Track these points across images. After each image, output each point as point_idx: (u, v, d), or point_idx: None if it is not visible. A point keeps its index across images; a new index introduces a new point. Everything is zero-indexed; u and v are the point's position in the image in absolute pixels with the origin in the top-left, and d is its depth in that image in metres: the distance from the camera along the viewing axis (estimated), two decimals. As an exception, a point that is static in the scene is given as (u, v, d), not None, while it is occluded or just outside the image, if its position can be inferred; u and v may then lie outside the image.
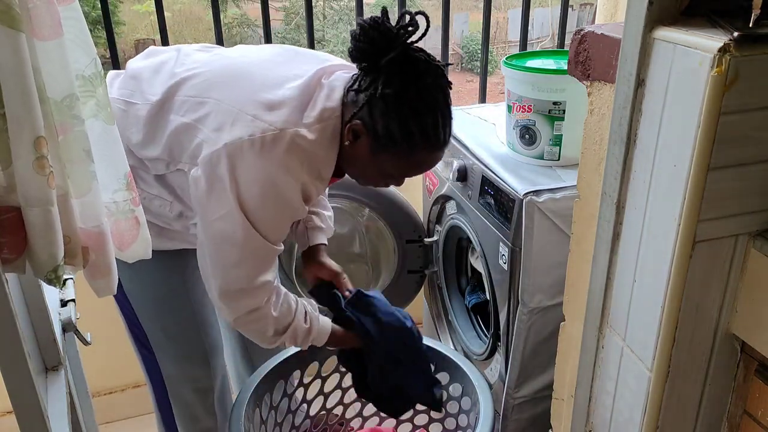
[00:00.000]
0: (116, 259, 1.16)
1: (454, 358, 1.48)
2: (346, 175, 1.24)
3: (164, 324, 1.37)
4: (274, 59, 1.19)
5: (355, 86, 1.09)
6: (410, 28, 1.04)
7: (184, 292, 1.36)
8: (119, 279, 1.27)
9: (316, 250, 1.41)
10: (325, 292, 1.39)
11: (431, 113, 1.08)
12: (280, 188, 1.08)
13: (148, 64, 1.22)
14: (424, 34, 1.05)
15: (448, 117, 1.11)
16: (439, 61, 1.09)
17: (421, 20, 1.05)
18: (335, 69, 1.15)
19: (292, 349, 1.51)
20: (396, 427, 1.71)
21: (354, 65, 1.11)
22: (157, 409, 1.49)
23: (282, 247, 1.18)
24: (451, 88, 1.12)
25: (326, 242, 1.43)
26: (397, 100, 1.05)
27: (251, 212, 1.08)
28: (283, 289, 1.23)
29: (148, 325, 1.37)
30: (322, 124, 1.09)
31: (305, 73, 1.12)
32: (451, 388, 1.52)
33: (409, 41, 1.05)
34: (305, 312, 1.26)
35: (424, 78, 1.07)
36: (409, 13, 1.05)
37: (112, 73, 1.27)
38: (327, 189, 1.44)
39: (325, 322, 1.31)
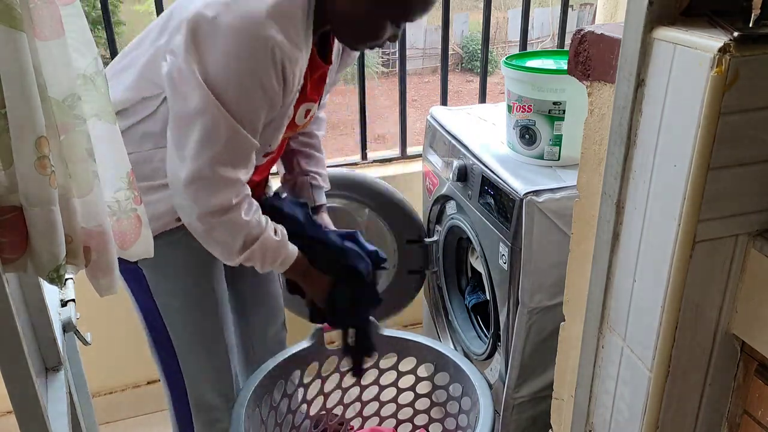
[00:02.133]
0: (143, 261, 1.15)
1: (454, 358, 1.48)
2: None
3: (190, 326, 1.36)
4: None
5: None
6: None
7: (212, 294, 1.36)
8: (146, 281, 1.25)
9: (318, 210, 1.46)
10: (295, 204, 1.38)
11: None
12: (252, 51, 1.03)
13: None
14: None
15: None
16: None
17: None
18: None
19: (292, 349, 1.51)
20: (396, 427, 1.71)
21: None
22: (173, 415, 1.48)
23: (257, 143, 1.12)
24: None
25: (325, 202, 1.49)
26: None
27: (218, 83, 1.03)
28: (255, 202, 1.19)
29: (174, 327, 1.35)
30: None
31: None
32: (451, 388, 1.52)
33: None
34: (275, 228, 1.22)
35: None
36: None
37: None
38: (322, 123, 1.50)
39: (293, 247, 1.26)
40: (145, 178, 1.18)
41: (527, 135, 1.47)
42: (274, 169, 1.47)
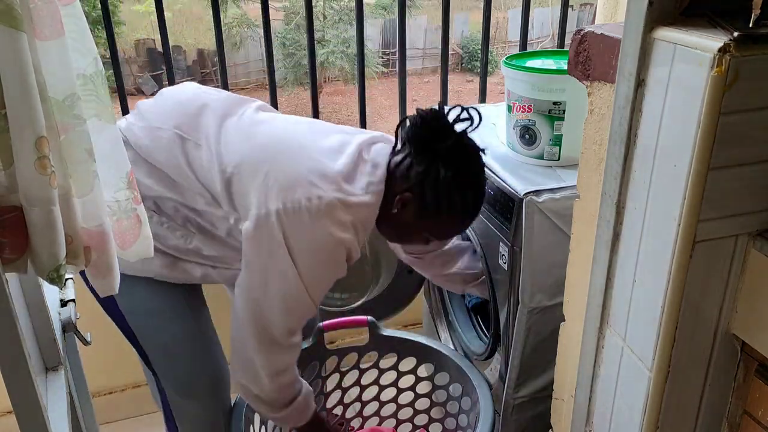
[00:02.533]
0: (124, 306, 1.24)
1: (454, 358, 1.48)
2: None
3: (165, 342, 1.35)
4: (312, 130, 1.30)
5: (405, 162, 1.24)
6: (462, 120, 1.23)
7: (185, 305, 1.36)
8: (114, 298, 1.29)
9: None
10: None
11: (475, 191, 1.29)
12: (331, 252, 1.19)
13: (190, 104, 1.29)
14: (476, 127, 1.24)
15: (484, 192, 1.32)
16: (481, 147, 1.27)
17: (474, 114, 1.23)
18: (371, 142, 1.29)
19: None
20: (396, 427, 1.71)
21: (381, 133, 1.32)
22: (163, 413, 1.48)
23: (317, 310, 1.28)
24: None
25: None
26: (451, 181, 1.22)
27: (303, 272, 1.18)
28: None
29: (147, 344, 1.35)
30: (368, 195, 1.21)
31: (346, 145, 1.25)
32: (451, 388, 1.52)
33: (463, 131, 1.23)
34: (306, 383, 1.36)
35: (473, 163, 1.27)
36: (464, 108, 1.24)
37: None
38: None
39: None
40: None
41: (527, 135, 1.47)
42: None
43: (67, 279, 1.16)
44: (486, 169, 1.50)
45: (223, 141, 1.23)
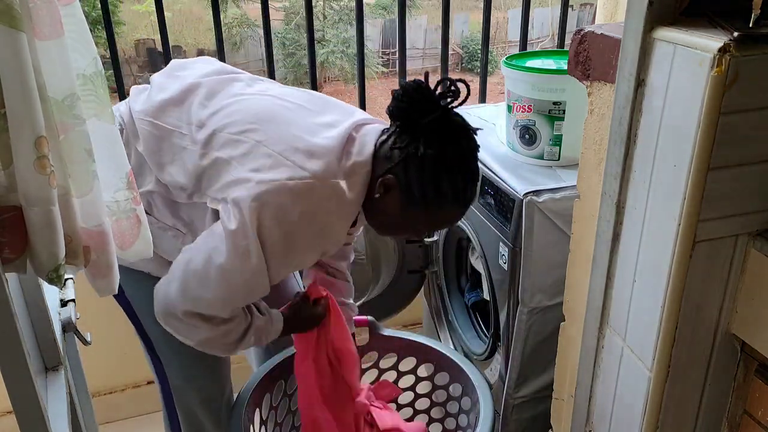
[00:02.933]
0: (130, 293, 1.21)
1: (454, 358, 1.48)
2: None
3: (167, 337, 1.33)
4: (308, 106, 1.22)
5: (389, 142, 1.14)
6: (450, 93, 1.10)
7: None
8: (121, 285, 1.29)
9: None
10: None
11: (464, 175, 1.14)
12: (305, 235, 1.11)
13: (178, 91, 1.22)
14: (464, 101, 1.11)
15: (477, 178, 1.18)
16: (471, 126, 1.15)
17: (462, 87, 1.10)
18: (364, 122, 1.20)
19: (292, 349, 1.51)
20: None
21: (380, 119, 1.19)
22: (166, 416, 1.48)
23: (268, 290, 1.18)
24: (478, 151, 1.17)
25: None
26: (436, 161, 1.10)
27: (269, 252, 1.10)
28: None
29: (152, 331, 1.35)
30: (354, 177, 1.13)
31: (338, 124, 1.17)
32: (451, 388, 1.52)
33: (449, 106, 1.10)
34: (257, 307, 1.26)
35: (460, 141, 1.13)
36: (450, 80, 1.11)
37: (138, 87, 1.29)
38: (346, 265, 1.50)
39: (276, 312, 1.30)
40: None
41: (527, 135, 1.47)
42: None
43: (66, 279, 1.16)
44: (486, 168, 1.51)
45: (205, 115, 1.17)
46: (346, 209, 1.14)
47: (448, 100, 1.10)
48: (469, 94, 1.11)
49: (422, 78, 1.12)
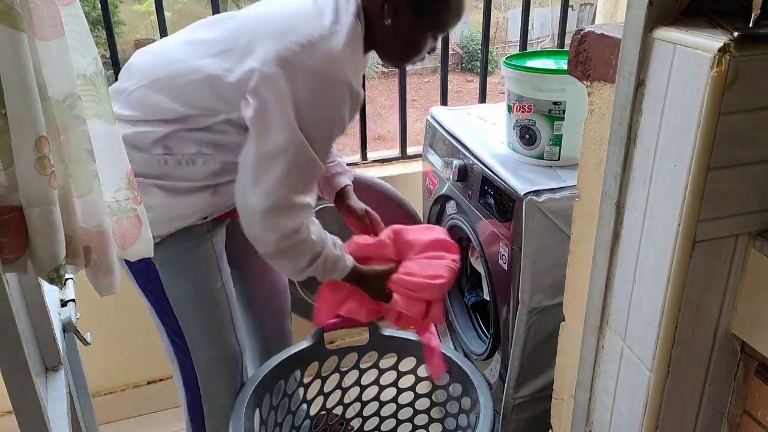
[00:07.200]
0: (156, 257, 1.18)
1: (454, 358, 1.48)
2: None
3: (200, 320, 1.37)
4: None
5: None
6: None
7: (222, 289, 1.37)
8: (158, 276, 1.28)
9: (344, 193, 1.53)
10: None
11: None
12: (335, 90, 1.16)
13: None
14: None
15: None
16: None
17: None
18: None
19: (292, 349, 1.51)
20: (396, 428, 1.71)
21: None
22: (186, 410, 1.48)
23: (324, 169, 1.24)
24: None
25: (350, 183, 1.55)
26: None
27: (306, 120, 1.14)
28: (316, 220, 1.28)
29: (185, 322, 1.36)
30: (350, 23, 1.18)
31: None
32: (451, 388, 1.52)
33: None
34: (333, 241, 1.31)
35: None
36: None
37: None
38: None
39: (349, 257, 1.35)
40: (157, 178, 1.23)
41: (527, 135, 1.47)
42: None
43: (67, 279, 1.16)
44: (486, 168, 1.51)
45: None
46: (355, 54, 1.19)
47: None
48: None
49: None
